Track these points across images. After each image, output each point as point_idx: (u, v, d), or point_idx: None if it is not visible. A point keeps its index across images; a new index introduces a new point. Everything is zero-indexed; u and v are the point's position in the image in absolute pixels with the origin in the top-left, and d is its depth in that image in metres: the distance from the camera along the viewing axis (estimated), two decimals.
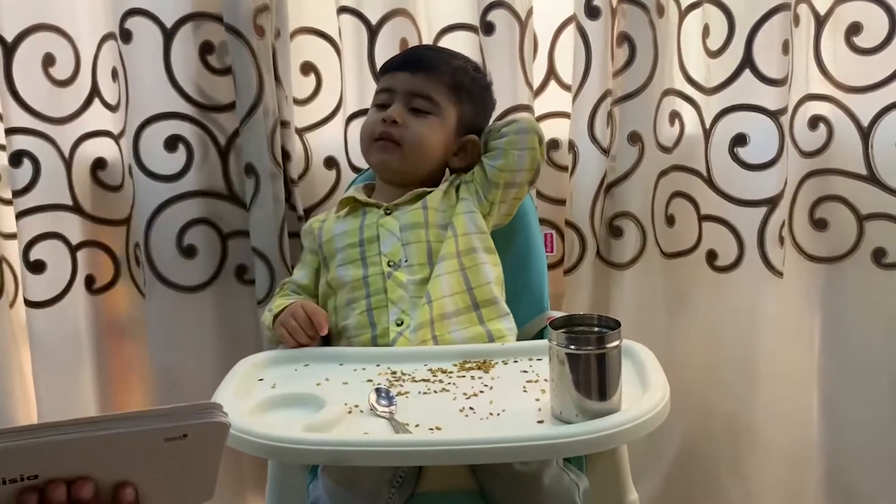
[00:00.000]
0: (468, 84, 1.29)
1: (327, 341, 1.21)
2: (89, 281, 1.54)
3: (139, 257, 1.50)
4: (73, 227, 1.50)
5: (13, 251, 1.49)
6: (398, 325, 1.14)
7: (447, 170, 1.32)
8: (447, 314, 1.15)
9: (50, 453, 0.60)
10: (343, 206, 1.30)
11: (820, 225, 1.51)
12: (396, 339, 1.12)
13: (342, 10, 1.46)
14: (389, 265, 1.19)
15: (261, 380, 1.02)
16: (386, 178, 1.30)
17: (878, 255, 1.48)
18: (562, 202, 1.52)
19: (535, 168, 1.26)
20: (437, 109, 1.26)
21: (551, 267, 1.49)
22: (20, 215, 1.45)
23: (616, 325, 0.87)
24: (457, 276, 1.18)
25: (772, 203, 1.45)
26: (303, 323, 1.12)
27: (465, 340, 1.13)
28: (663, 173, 1.51)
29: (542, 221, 1.47)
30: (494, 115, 1.39)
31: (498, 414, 0.89)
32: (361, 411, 0.90)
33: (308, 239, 1.31)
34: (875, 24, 1.42)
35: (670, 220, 1.53)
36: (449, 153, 1.29)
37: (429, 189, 1.27)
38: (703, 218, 1.52)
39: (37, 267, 1.47)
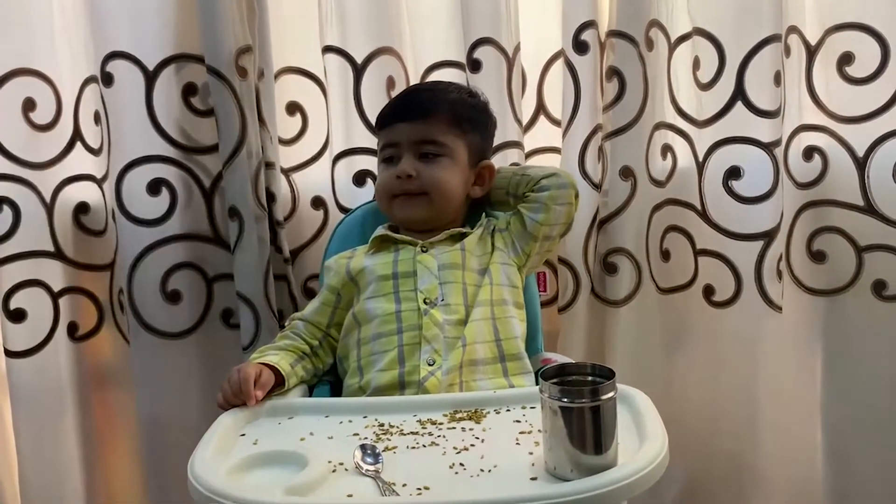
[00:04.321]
0: (468, 113, 1.26)
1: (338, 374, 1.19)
2: (72, 328, 1.50)
3: (123, 303, 1.47)
4: (55, 274, 1.47)
5: None
6: (430, 364, 1.11)
7: (483, 214, 1.30)
8: (476, 361, 1.13)
9: None
10: (373, 245, 1.26)
11: (818, 257, 1.48)
12: (427, 378, 1.09)
13: (327, 49, 1.44)
14: (426, 302, 1.15)
15: (242, 435, 0.98)
16: (414, 228, 1.27)
17: (879, 288, 1.45)
18: None
19: (570, 222, 1.26)
20: (445, 150, 1.23)
21: (545, 305, 1.46)
22: (0, 263, 1.42)
23: (611, 374, 0.83)
24: (488, 324, 1.16)
25: (768, 236, 1.42)
26: (233, 388, 1.04)
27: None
28: (657, 208, 1.48)
29: None
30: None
31: (489, 470, 0.84)
32: (346, 469, 0.86)
33: (329, 274, 1.26)
34: (867, 54, 1.41)
35: (665, 255, 1.50)
36: (468, 185, 1.27)
37: (465, 230, 1.25)
38: (698, 252, 1.49)
39: (17, 316, 1.43)
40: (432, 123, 1.23)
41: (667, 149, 1.48)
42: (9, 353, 1.44)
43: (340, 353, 1.21)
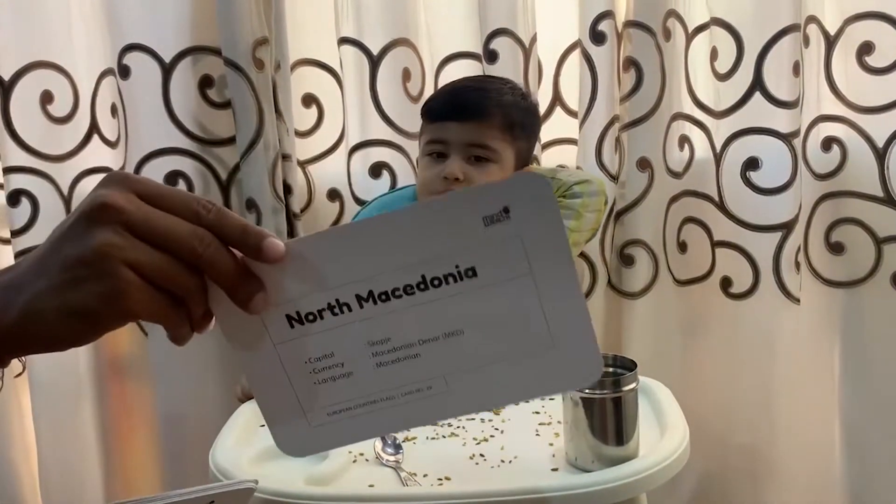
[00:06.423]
0: (520, 118, 1.22)
1: None
2: None
3: None
4: None
5: None
6: None
7: None
8: None
9: None
10: None
11: (836, 249, 1.47)
12: None
13: (343, 40, 1.44)
14: None
15: (262, 426, 0.98)
16: None
17: None
18: None
19: (597, 228, 1.27)
20: (495, 156, 1.19)
21: None
22: (18, 255, 1.42)
23: (633, 365, 0.83)
24: None
25: (786, 228, 1.41)
26: None
27: None
28: (674, 199, 1.48)
29: None
30: None
31: (510, 461, 0.85)
32: (367, 460, 0.87)
33: None
34: (887, 43, 1.39)
35: (682, 247, 1.50)
36: None
37: None
38: (716, 244, 1.48)
39: None
40: (485, 128, 1.19)
41: (684, 140, 1.47)
42: None
43: None
